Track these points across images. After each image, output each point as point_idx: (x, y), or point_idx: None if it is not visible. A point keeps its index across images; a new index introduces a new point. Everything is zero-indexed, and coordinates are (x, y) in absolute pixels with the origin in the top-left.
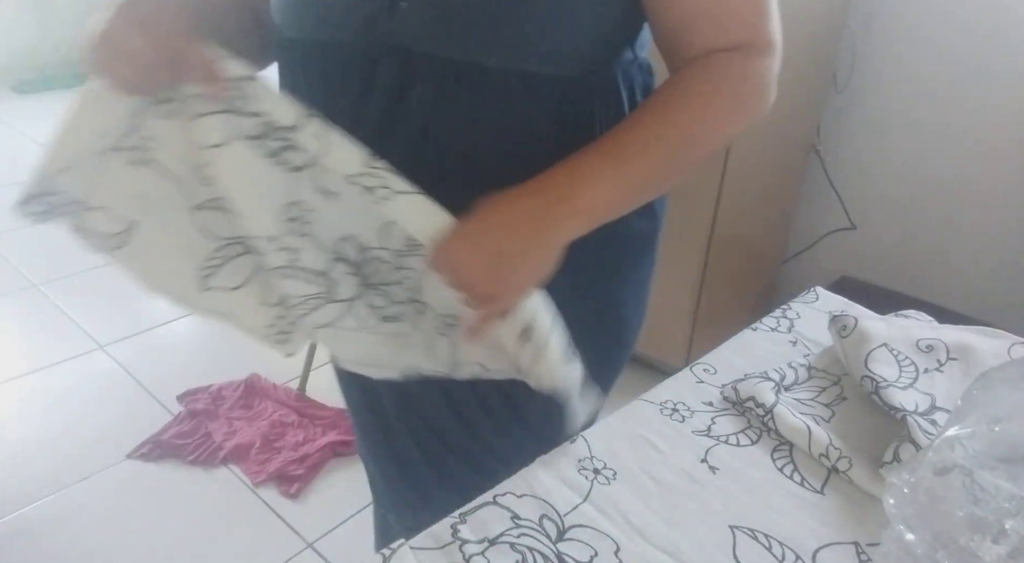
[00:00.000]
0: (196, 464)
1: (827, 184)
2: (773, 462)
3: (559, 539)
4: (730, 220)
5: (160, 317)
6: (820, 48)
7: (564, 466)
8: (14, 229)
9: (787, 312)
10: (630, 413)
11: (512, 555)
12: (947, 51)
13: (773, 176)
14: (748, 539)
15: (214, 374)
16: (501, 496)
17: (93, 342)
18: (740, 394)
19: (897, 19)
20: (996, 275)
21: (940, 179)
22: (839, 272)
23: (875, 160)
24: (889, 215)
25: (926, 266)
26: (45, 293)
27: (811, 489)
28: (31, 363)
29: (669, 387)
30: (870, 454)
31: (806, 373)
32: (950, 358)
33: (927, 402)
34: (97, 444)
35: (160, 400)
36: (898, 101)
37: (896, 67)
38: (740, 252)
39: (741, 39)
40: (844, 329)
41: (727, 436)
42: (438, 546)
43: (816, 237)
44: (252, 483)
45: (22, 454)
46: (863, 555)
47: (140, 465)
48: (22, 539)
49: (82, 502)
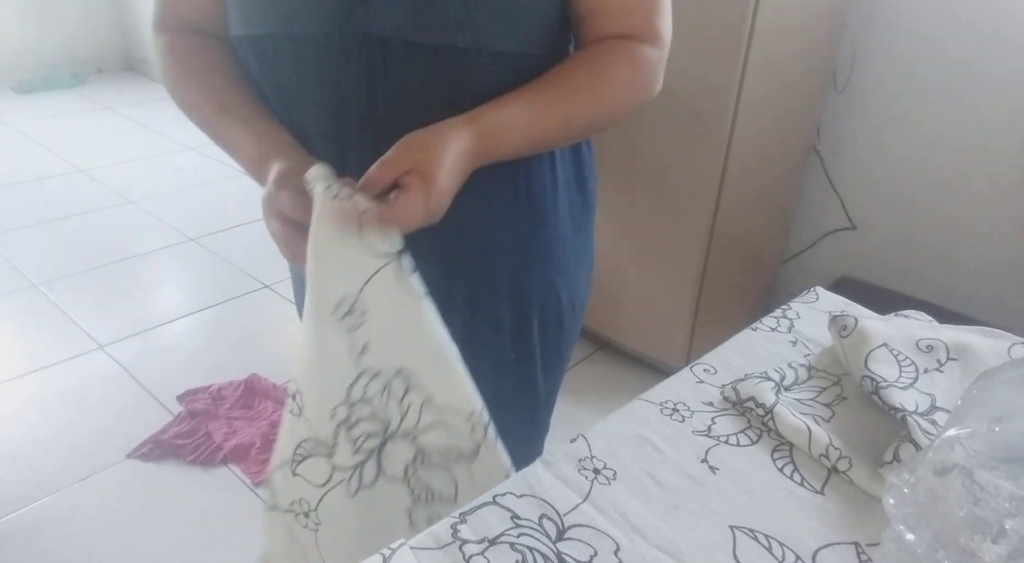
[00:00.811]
0: (196, 464)
1: (827, 184)
2: (773, 462)
3: (559, 539)
4: (730, 220)
5: (160, 317)
6: (820, 48)
7: (564, 466)
8: (14, 229)
9: (787, 312)
10: (630, 413)
11: (512, 555)
12: (947, 51)
13: (773, 176)
14: (748, 539)
15: (214, 374)
16: (501, 496)
17: (93, 342)
18: (740, 394)
19: (897, 19)
20: (996, 275)
21: (940, 179)
22: (839, 272)
23: (875, 160)
24: (889, 215)
25: (926, 266)
26: (45, 293)
27: (811, 489)
28: (31, 363)
29: (669, 387)
30: (870, 454)
31: (806, 373)
32: (950, 358)
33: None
34: (97, 444)
35: (160, 400)
36: (898, 101)
37: (896, 67)
38: (740, 252)
39: (633, 29)
40: (844, 329)
41: (727, 436)
42: (438, 546)
43: (816, 237)
44: (252, 483)
45: (22, 454)
46: (863, 555)
47: (140, 465)
48: (22, 539)
49: (82, 502)
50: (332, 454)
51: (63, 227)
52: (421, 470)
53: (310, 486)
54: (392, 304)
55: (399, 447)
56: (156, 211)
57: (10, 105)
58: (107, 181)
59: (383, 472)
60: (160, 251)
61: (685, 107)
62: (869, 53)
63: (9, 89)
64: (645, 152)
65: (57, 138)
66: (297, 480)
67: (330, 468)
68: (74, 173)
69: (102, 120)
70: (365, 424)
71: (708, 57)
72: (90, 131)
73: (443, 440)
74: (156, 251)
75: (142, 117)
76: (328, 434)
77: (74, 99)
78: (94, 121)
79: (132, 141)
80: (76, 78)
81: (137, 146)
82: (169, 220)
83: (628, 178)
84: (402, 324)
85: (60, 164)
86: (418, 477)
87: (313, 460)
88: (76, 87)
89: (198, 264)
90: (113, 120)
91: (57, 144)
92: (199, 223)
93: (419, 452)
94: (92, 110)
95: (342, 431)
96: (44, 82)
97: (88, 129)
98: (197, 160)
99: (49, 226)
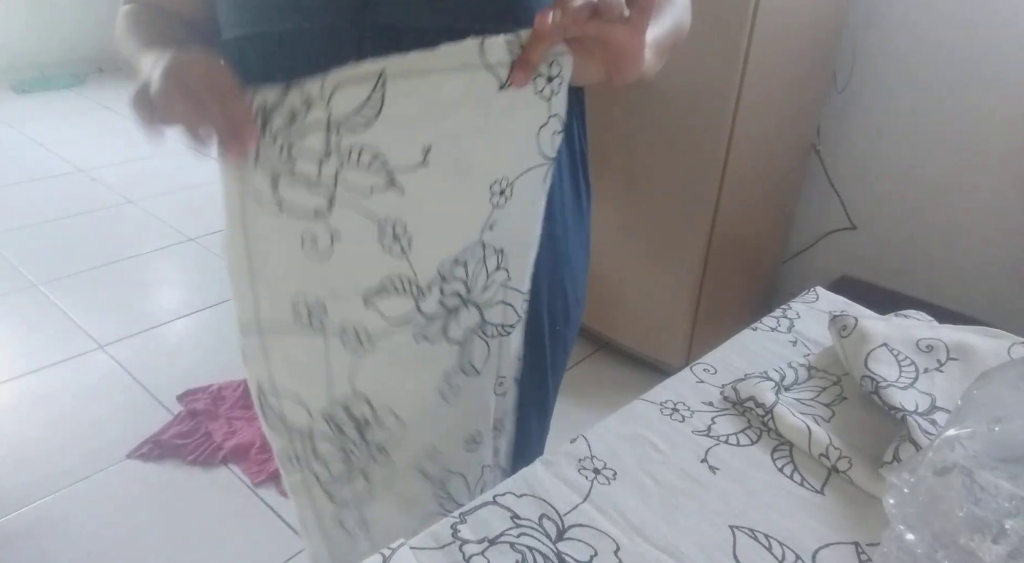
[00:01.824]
0: (196, 464)
1: (827, 184)
2: (773, 462)
3: (559, 539)
4: (730, 220)
5: (160, 317)
6: (820, 48)
7: (564, 466)
8: (14, 229)
9: (787, 312)
10: (630, 413)
11: (512, 555)
12: (947, 51)
13: (773, 176)
14: (748, 539)
15: (214, 374)
16: (501, 496)
17: (93, 342)
18: (740, 394)
19: (897, 19)
20: (996, 275)
21: (940, 179)
22: (839, 272)
23: (875, 160)
24: (889, 215)
25: (926, 266)
26: (45, 293)
27: (811, 489)
28: (31, 363)
29: (669, 387)
30: (870, 454)
31: (806, 373)
32: (950, 358)
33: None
34: (97, 444)
35: (160, 400)
36: (898, 101)
37: (896, 67)
38: (740, 252)
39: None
40: (844, 329)
41: (727, 436)
42: (438, 546)
43: (816, 237)
44: (252, 483)
45: (22, 454)
46: (863, 555)
47: (140, 465)
48: (22, 539)
49: (82, 502)
50: (421, 297)
51: (63, 227)
52: (476, 336)
53: (381, 319)
54: (526, 198)
55: (471, 312)
56: (156, 211)
57: (10, 105)
58: (107, 181)
59: (448, 331)
60: (160, 251)
61: (685, 107)
62: (869, 53)
63: (9, 89)
64: (645, 152)
65: (57, 138)
66: (371, 311)
67: (412, 307)
68: (74, 173)
69: (102, 120)
70: (457, 284)
71: (708, 57)
72: (90, 131)
73: (498, 318)
74: (156, 251)
75: None
76: (424, 281)
77: (74, 99)
78: (94, 121)
79: (132, 141)
80: (76, 78)
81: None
82: (169, 220)
83: (628, 178)
84: (523, 216)
85: (60, 164)
86: (472, 344)
87: (399, 297)
88: (76, 87)
89: (198, 264)
90: (113, 120)
91: (57, 144)
92: (199, 223)
93: (481, 323)
94: (92, 110)
95: (437, 283)
96: (44, 82)
97: (88, 129)
98: (197, 160)
99: (49, 226)
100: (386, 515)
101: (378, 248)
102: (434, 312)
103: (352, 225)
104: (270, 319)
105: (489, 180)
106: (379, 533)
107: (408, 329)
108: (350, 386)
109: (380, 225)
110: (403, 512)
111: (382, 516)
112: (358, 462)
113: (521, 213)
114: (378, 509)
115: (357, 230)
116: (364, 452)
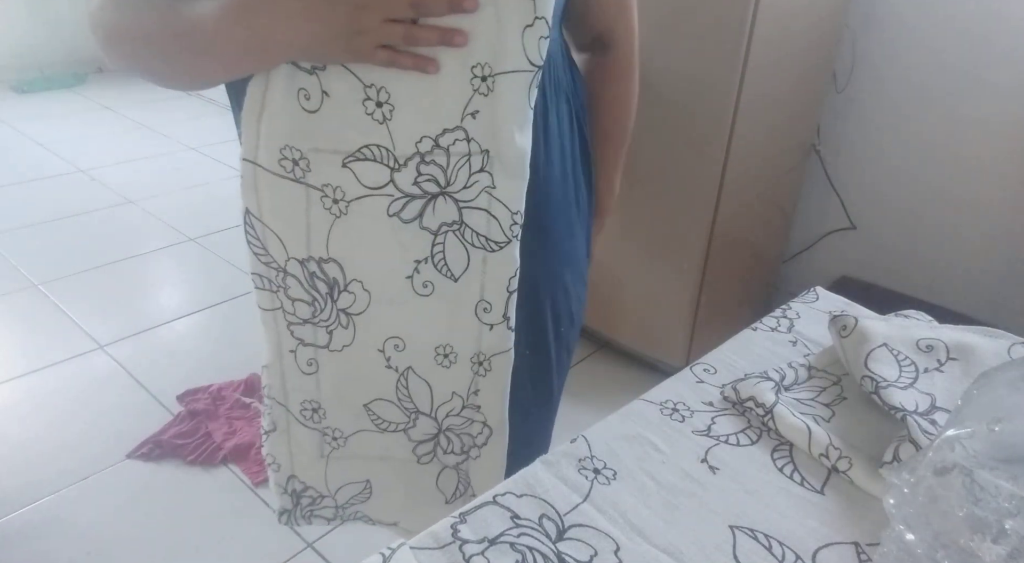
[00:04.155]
0: (196, 464)
1: (827, 184)
2: (773, 462)
3: (559, 539)
4: (730, 220)
5: (160, 317)
6: (820, 48)
7: (564, 466)
8: (14, 229)
9: (787, 312)
10: (630, 413)
11: (512, 555)
12: (947, 51)
13: (773, 176)
14: (748, 539)
15: (214, 374)
16: (501, 496)
17: (93, 342)
18: (740, 394)
19: (897, 19)
20: (996, 275)
21: (940, 179)
22: (839, 272)
23: (875, 160)
24: (889, 215)
25: (926, 266)
26: (45, 293)
27: (811, 489)
28: (31, 363)
29: (669, 387)
30: (870, 454)
31: (806, 373)
32: (950, 358)
33: (927, 402)
34: (97, 444)
35: (160, 400)
36: (898, 101)
37: (896, 67)
38: (740, 252)
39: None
40: (844, 329)
41: (727, 436)
42: (438, 546)
43: (816, 237)
44: (252, 483)
45: (22, 454)
46: (863, 555)
47: (140, 465)
48: (22, 539)
49: (82, 502)
50: (397, 170)
51: (63, 227)
52: (452, 235)
53: (356, 183)
54: (511, 101)
55: (449, 206)
56: (156, 211)
57: (10, 105)
58: (107, 181)
59: (423, 218)
60: (160, 251)
61: (685, 107)
62: (869, 53)
63: (9, 89)
64: (645, 152)
65: (57, 138)
66: (347, 172)
67: (387, 179)
68: (74, 173)
69: (102, 120)
70: (435, 169)
71: (708, 58)
72: (90, 131)
73: (481, 227)
74: (156, 251)
75: (142, 117)
76: (401, 154)
77: (74, 99)
78: (94, 121)
79: (132, 141)
80: (76, 78)
81: (137, 146)
82: (169, 220)
83: (628, 178)
84: (507, 120)
85: (60, 164)
86: (447, 241)
87: (375, 164)
88: (76, 87)
89: (198, 264)
90: (113, 120)
91: (57, 144)
92: (199, 223)
93: (459, 222)
94: (92, 110)
95: (415, 161)
96: (44, 82)
97: (88, 129)
98: (197, 160)
99: (49, 226)
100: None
101: (361, 110)
102: (409, 191)
103: (343, 85)
104: (266, 161)
105: (470, 61)
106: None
107: (382, 201)
108: (325, 248)
109: (366, 89)
110: (359, 392)
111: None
112: (322, 317)
113: (506, 115)
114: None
115: (346, 91)
116: (331, 311)
